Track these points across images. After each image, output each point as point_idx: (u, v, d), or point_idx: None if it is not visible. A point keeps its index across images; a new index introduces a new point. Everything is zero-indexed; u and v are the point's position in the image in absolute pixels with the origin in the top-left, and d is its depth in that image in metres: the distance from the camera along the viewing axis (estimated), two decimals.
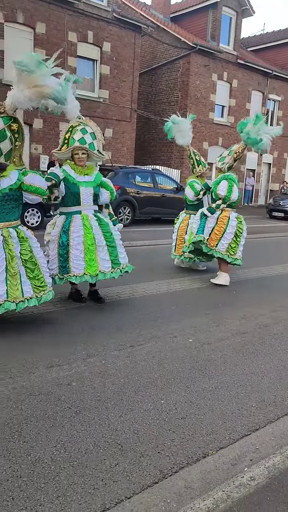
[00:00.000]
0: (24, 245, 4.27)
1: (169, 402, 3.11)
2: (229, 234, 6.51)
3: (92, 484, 2.25)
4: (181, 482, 2.32)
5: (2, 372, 3.37)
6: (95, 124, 5.17)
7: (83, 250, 4.88)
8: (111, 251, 5.03)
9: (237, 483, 2.32)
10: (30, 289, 4.25)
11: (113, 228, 5.18)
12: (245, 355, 4.05)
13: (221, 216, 6.55)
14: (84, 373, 3.45)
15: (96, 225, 4.98)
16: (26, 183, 4.28)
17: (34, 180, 4.34)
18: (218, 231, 6.52)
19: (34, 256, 4.33)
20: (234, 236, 6.54)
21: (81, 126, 4.98)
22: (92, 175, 5.11)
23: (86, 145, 4.93)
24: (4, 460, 2.39)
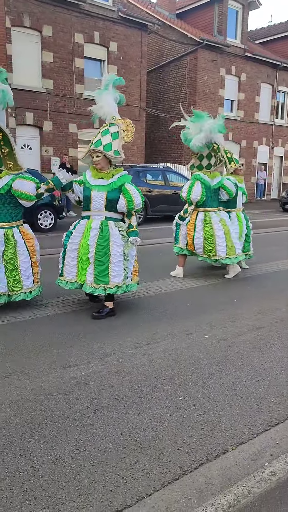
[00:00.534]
0: (8, 246, 4.67)
1: (187, 398, 3.11)
2: (219, 236, 6.33)
3: (112, 482, 2.27)
4: (201, 478, 2.32)
5: (21, 374, 3.41)
6: (126, 122, 4.85)
7: (75, 257, 4.77)
8: (96, 266, 4.62)
9: (258, 478, 2.31)
10: (5, 286, 4.66)
11: (116, 242, 4.67)
12: (262, 350, 4.03)
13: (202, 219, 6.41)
14: (101, 372, 3.47)
15: (95, 233, 4.67)
16: (14, 188, 4.65)
17: (22, 186, 4.66)
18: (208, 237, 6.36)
19: (16, 259, 4.70)
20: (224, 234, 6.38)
21: (105, 127, 4.79)
22: (109, 179, 4.71)
23: (100, 146, 4.63)
24: (25, 460, 2.42)
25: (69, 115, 16.14)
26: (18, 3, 14.46)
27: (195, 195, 6.32)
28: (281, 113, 24.68)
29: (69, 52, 15.90)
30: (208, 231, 6.36)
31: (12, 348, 3.89)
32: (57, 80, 15.69)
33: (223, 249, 6.35)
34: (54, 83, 15.64)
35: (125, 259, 4.75)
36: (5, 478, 2.27)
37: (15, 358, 3.70)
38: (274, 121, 23.96)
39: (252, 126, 22.55)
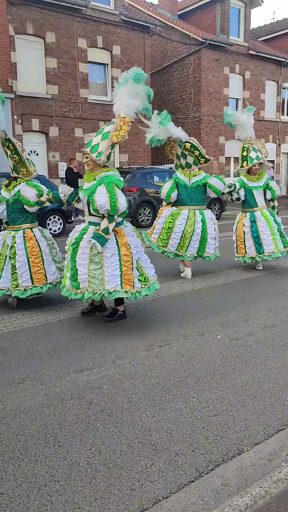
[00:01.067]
0: (12, 247, 5.03)
1: (201, 399, 3.10)
2: (176, 233, 6.51)
3: (128, 485, 2.27)
4: (217, 480, 2.31)
5: (34, 379, 3.43)
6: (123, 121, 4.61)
7: None
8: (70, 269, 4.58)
9: (275, 478, 2.29)
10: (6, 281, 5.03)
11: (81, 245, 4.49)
12: (275, 348, 4.00)
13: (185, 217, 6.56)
14: (114, 376, 3.47)
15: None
16: (21, 194, 5.06)
17: (25, 192, 5.06)
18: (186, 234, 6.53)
19: (14, 258, 5.00)
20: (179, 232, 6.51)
21: (104, 126, 4.74)
22: (91, 182, 4.54)
23: (89, 147, 4.54)
24: (41, 465, 2.43)
25: (74, 120, 16.21)
26: (20, 11, 14.56)
27: (162, 192, 6.69)
28: (287, 109, 24.52)
29: (72, 57, 15.97)
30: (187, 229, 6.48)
31: (25, 354, 3.92)
32: (61, 86, 15.77)
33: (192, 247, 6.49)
34: (58, 88, 15.71)
35: (92, 263, 4.40)
36: (22, 484, 2.28)
37: (28, 363, 3.72)
38: (280, 118, 23.81)
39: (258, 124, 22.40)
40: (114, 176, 4.50)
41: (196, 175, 6.64)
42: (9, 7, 14.28)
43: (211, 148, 20.10)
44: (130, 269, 4.42)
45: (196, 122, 19.59)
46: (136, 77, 4.62)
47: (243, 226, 6.95)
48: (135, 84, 4.64)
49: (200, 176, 6.63)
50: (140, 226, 12.59)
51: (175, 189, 6.62)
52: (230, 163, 21.55)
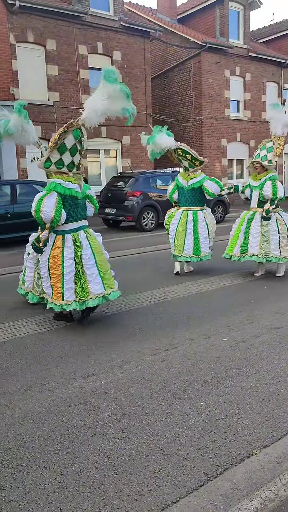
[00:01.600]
0: None
1: (208, 403, 3.09)
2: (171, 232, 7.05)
3: (137, 491, 2.26)
4: (226, 484, 2.30)
5: (41, 386, 3.43)
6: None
7: None
8: None
9: (284, 481, 2.28)
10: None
11: None
12: (282, 350, 3.98)
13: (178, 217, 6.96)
14: (121, 381, 3.47)
15: None
16: None
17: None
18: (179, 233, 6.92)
19: None
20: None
21: None
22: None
23: None
24: (50, 472, 2.43)
25: None
26: (21, 20, 14.68)
27: (167, 194, 7.19)
28: None
29: (73, 64, 16.06)
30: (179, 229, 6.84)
31: (31, 360, 3.92)
32: (63, 92, 15.85)
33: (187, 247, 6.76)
34: (60, 95, 15.80)
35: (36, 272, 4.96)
36: (30, 491, 2.28)
37: (35, 369, 3.72)
38: None
39: (260, 126, 22.42)
40: (51, 184, 4.60)
41: (194, 178, 6.86)
42: (10, 16, 14.40)
43: (213, 150, 20.12)
44: (58, 281, 4.53)
45: (197, 125, 19.61)
46: (106, 76, 4.43)
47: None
48: (107, 85, 4.46)
49: (197, 178, 6.84)
50: (144, 230, 12.60)
51: (176, 191, 7.07)
52: (232, 165, 21.54)
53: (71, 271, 4.53)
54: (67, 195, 4.56)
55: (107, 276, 4.75)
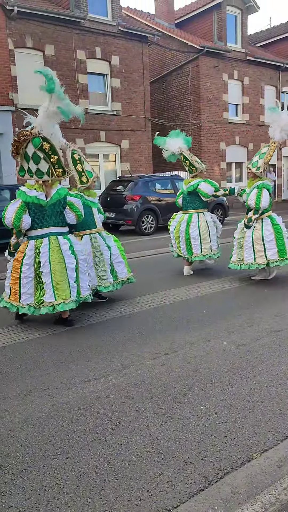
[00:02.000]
0: None
1: (208, 407, 3.08)
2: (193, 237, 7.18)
3: (138, 496, 2.25)
4: (227, 488, 2.29)
5: (41, 391, 3.42)
6: None
7: None
8: None
9: (285, 485, 2.27)
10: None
11: None
12: (282, 353, 3.98)
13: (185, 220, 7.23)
14: (121, 385, 3.46)
15: None
16: None
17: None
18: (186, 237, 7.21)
19: None
20: None
21: None
22: None
23: None
24: (50, 477, 2.42)
25: (75, 130, 16.31)
26: (19, 25, 14.74)
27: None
28: None
29: (72, 69, 16.12)
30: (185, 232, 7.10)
31: (31, 365, 3.92)
32: None
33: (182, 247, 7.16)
34: None
35: None
36: (31, 497, 2.27)
37: (35, 374, 3.72)
38: None
39: (258, 129, 22.48)
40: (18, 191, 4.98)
41: (190, 182, 7.17)
42: (8, 21, 14.46)
43: (212, 154, 20.16)
44: (15, 284, 4.74)
45: (196, 129, 19.66)
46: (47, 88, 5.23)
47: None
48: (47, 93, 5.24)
49: (192, 182, 7.11)
50: (144, 234, 12.60)
51: (181, 196, 7.48)
52: (231, 169, 21.58)
53: (27, 276, 4.70)
54: (30, 202, 4.79)
55: (59, 286, 4.64)
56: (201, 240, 7.02)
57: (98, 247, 5.55)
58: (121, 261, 5.71)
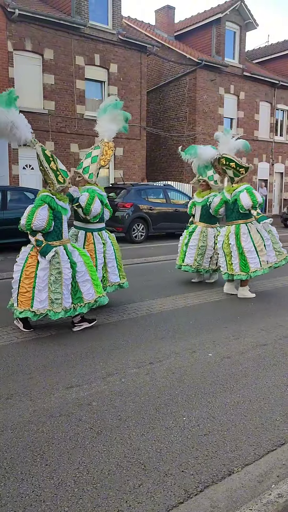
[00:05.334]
0: None
1: (191, 418, 3.07)
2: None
3: (116, 506, 2.22)
4: (206, 502, 2.27)
5: (23, 395, 3.37)
6: (107, 146, 5.55)
7: None
8: None
9: (265, 501, 2.26)
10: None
11: None
12: (267, 367, 3.98)
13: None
14: (104, 392, 3.43)
15: None
16: None
17: None
18: None
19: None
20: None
21: (91, 149, 5.56)
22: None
23: (81, 169, 5.53)
24: (27, 484, 2.37)
25: (70, 135, 16.33)
26: (20, 28, 14.77)
27: (212, 207, 6.98)
28: (281, 130, 24.91)
29: (70, 74, 16.17)
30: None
31: (14, 369, 3.86)
32: (58, 102, 15.93)
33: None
34: (55, 104, 15.86)
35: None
36: (7, 503, 2.23)
37: (17, 378, 3.67)
38: (274, 138, 24.16)
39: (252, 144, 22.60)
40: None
41: (236, 188, 6.51)
42: (9, 23, 14.49)
43: None
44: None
45: (191, 141, 19.80)
46: (115, 105, 5.64)
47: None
48: (114, 111, 5.63)
49: (239, 189, 6.45)
50: (134, 241, 12.62)
51: (223, 205, 6.74)
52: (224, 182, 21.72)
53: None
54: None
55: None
56: (257, 252, 6.37)
57: (56, 264, 4.67)
58: (87, 279, 4.86)
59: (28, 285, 4.61)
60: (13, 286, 4.77)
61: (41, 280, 4.60)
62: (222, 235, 6.61)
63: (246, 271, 6.31)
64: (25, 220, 4.58)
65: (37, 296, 4.60)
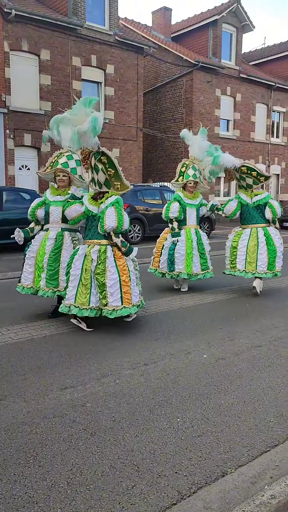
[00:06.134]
0: (98, 262, 4.84)
1: (185, 420, 3.07)
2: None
3: (109, 508, 2.21)
4: (200, 503, 2.27)
5: (16, 396, 3.36)
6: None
7: (33, 264, 5.28)
8: (48, 270, 5.17)
9: (258, 502, 2.26)
10: (96, 300, 4.86)
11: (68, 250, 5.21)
12: (261, 369, 3.99)
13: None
14: (99, 394, 3.42)
15: (51, 243, 5.21)
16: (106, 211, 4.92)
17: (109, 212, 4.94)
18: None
19: (104, 274, 4.79)
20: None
21: (69, 152, 5.35)
22: (65, 195, 5.29)
23: (68, 168, 5.30)
24: (20, 485, 2.37)
25: None
26: (16, 28, 14.76)
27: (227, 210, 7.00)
28: (277, 132, 24.99)
29: (66, 75, 16.16)
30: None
31: (8, 370, 3.85)
32: (54, 102, 15.92)
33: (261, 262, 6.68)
34: (52, 105, 15.85)
35: None
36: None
37: (11, 379, 3.66)
38: (270, 140, 24.24)
39: (248, 145, 22.81)
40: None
41: (258, 194, 6.80)
42: (5, 24, 14.47)
43: None
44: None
45: None
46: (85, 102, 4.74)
47: (165, 240, 7.00)
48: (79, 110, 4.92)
49: (263, 195, 6.77)
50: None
51: (240, 209, 6.90)
52: (220, 183, 21.80)
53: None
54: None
55: None
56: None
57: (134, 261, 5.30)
58: None
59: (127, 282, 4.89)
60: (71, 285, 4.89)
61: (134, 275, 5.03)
62: (246, 235, 6.74)
63: (273, 269, 6.64)
64: (117, 223, 4.82)
65: (133, 290, 4.97)
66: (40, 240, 5.31)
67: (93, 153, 4.88)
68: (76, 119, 4.65)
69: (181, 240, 6.77)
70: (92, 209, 5.00)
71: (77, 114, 4.66)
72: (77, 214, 5.08)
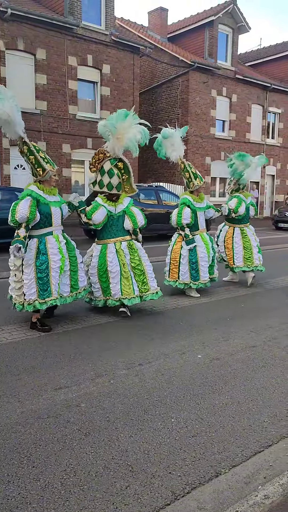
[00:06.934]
0: (133, 254, 5.53)
1: (179, 420, 3.07)
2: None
3: (103, 508, 2.21)
4: (193, 503, 2.27)
5: (10, 396, 3.35)
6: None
7: (57, 274, 4.86)
8: (72, 275, 5.10)
9: (251, 502, 2.26)
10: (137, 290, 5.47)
11: (77, 251, 5.23)
12: (255, 369, 4.00)
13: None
14: (93, 394, 3.42)
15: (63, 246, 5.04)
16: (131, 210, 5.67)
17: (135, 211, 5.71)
18: None
19: (142, 264, 5.56)
20: None
21: None
22: (56, 195, 5.20)
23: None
24: (13, 486, 2.36)
25: (62, 136, 16.30)
26: (12, 27, 14.72)
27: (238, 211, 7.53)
28: (272, 133, 25.06)
29: (62, 75, 16.14)
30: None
31: (2, 370, 3.84)
32: (50, 102, 15.89)
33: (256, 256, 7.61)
34: (47, 104, 15.82)
35: None
36: None
37: (5, 379, 3.64)
38: (265, 140, 24.31)
39: (244, 146, 22.85)
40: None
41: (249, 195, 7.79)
42: (1, 23, 14.43)
43: (197, 168, 20.24)
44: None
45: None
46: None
47: (181, 249, 6.56)
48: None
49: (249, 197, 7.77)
50: None
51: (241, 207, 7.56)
52: (215, 183, 21.85)
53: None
54: None
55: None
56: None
57: None
58: None
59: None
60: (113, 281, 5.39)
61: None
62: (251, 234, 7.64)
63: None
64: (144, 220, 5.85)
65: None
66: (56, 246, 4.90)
67: (110, 158, 5.43)
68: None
69: (201, 247, 6.49)
70: (111, 210, 5.54)
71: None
72: (103, 217, 5.46)
